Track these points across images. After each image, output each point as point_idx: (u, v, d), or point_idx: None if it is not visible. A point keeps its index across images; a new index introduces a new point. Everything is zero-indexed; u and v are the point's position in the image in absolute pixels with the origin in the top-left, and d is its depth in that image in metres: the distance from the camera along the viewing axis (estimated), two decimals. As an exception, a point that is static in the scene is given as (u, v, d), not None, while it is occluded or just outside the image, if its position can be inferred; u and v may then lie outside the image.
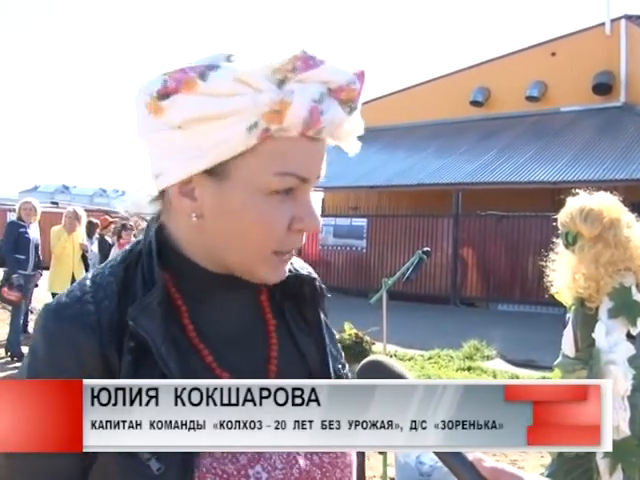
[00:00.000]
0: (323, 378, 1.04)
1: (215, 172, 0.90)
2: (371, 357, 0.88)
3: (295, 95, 0.86)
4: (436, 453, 0.80)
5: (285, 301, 1.07)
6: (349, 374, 1.13)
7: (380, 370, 0.85)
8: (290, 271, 1.06)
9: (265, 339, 1.03)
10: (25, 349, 9.03)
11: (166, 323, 0.91)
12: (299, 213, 0.94)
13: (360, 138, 1.00)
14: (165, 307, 0.92)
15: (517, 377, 8.55)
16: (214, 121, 0.86)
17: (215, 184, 0.91)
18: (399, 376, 0.85)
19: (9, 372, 8.05)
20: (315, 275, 1.13)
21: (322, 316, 1.11)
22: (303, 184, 0.92)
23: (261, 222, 0.92)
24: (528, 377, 8.47)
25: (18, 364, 8.56)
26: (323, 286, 1.12)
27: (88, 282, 0.95)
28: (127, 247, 1.03)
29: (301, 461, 0.94)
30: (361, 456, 1.09)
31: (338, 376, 1.08)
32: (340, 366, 1.11)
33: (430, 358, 9.53)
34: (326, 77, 0.88)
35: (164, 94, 0.87)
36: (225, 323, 1.00)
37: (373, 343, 8.12)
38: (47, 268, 9.60)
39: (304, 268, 1.14)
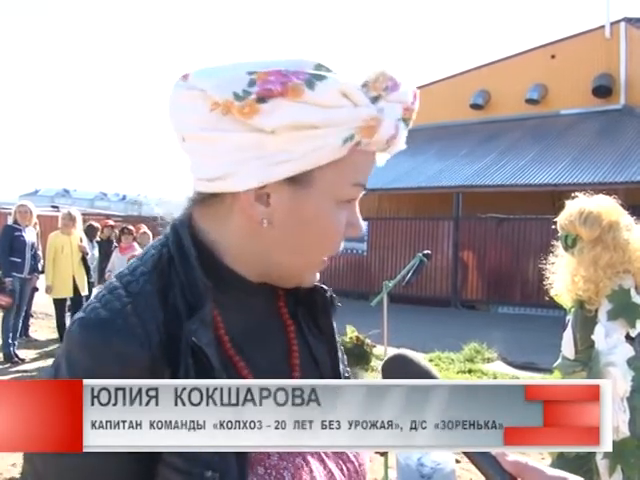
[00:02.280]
0: None
1: (297, 179, 0.89)
2: (397, 351, 0.89)
3: (385, 113, 0.89)
4: None
5: (298, 307, 1.07)
6: (350, 375, 1.14)
7: (406, 364, 0.86)
8: None
9: (287, 345, 1.03)
10: (20, 352, 9.03)
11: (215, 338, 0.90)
12: (352, 220, 0.98)
13: None
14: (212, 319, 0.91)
15: (517, 379, 8.54)
16: (311, 130, 0.86)
17: (293, 191, 0.91)
18: (425, 370, 0.86)
19: (11, 376, 8.03)
20: (325, 286, 1.12)
21: (334, 324, 1.11)
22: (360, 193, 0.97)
23: (331, 230, 0.95)
24: (528, 379, 8.47)
25: (19, 367, 8.56)
26: (334, 296, 1.12)
27: (122, 292, 0.90)
28: (151, 251, 0.97)
29: (335, 473, 0.94)
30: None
31: (346, 378, 1.10)
32: (347, 370, 1.13)
33: (431, 360, 9.51)
34: (402, 98, 0.92)
35: (265, 96, 0.84)
36: (253, 332, 0.99)
37: (374, 346, 8.14)
38: (42, 272, 9.56)
39: None
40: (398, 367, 0.87)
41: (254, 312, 1.00)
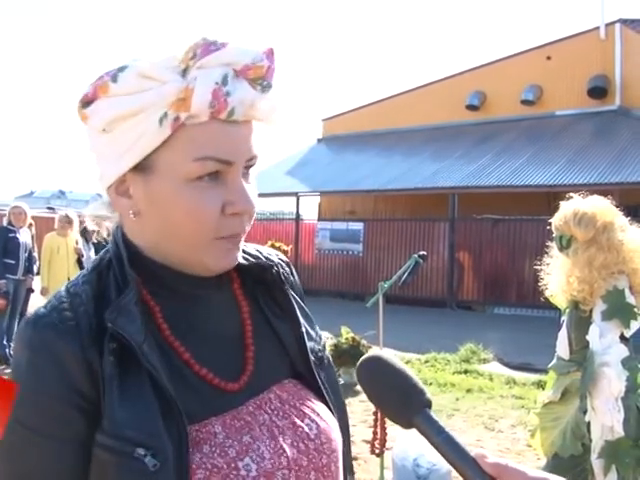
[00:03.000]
0: (301, 359, 1.07)
1: (142, 167, 0.93)
2: (370, 353, 0.89)
3: (197, 81, 0.88)
4: (439, 450, 0.80)
5: (257, 287, 1.09)
6: (329, 357, 1.15)
7: (380, 366, 0.87)
8: (251, 258, 1.09)
9: (240, 326, 1.05)
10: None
11: (144, 323, 0.92)
12: (230, 197, 0.93)
13: (356, 142, 1.01)
14: (141, 307, 0.93)
15: (513, 380, 8.57)
16: (130, 118, 0.90)
17: (144, 179, 0.94)
18: (399, 372, 0.86)
19: (5, 377, 8.01)
20: (276, 261, 1.14)
21: (295, 299, 1.13)
22: (229, 167, 0.92)
23: (192, 210, 0.92)
24: (524, 380, 8.49)
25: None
26: (283, 271, 1.12)
27: (63, 292, 0.96)
28: (97, 257, 1.03)
29: (288, 450, 0.95)
30: (347, 443, 1.10)
31: (317, 358, 1.10)
32: (320, 347, 1.12)
33: (427, 361, 9.53)
34: (229, 59, 0.89)
35: (86, 102, 0.92)
36: (199, 318, 1.01)
37: (370, 347, 8.13)
38: (38, 273, 9.52)
39: (270, 254, 1.16)
40: (372, 370, 0.87)
41: (201, 299, 1.02)
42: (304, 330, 1.10)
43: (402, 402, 0.84)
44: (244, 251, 1.09)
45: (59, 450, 0.88)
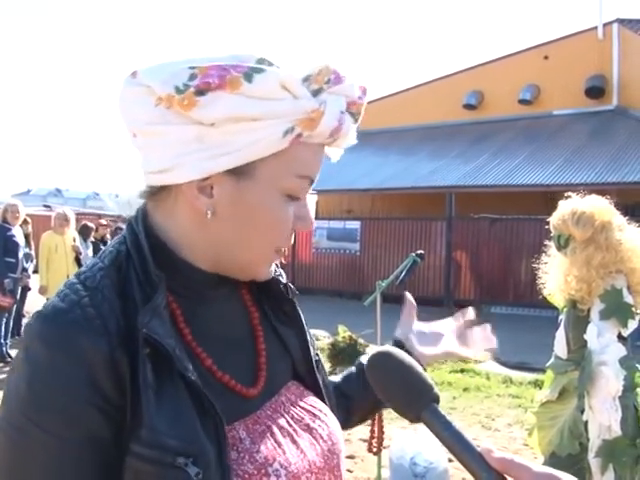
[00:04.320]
0: (303, 363, 1.10)
1: (239, 171, 0.91)
2: (381, 348, 0.90)
3: (327, 105, 0.91)
4: (446, 445, 0.81)
5: (262, 294, 1.10)
6: (320, 359, 1.17)
7: (390, 362, 0.87)
8: None
9: (252, 332, 1.05)
10: (13, 352, 8.99)
11: (173, 327, 0.91)
12: (301, 213, 0.98)
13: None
14: (168, 309, 0.92)
15: (510, 379, 8.57)
16: (250, 122, 0.88)
17: (235, 182, 0.92)
18: (408, 367, 0.87)
19: (3, 376, 8.01)
20: (280, 277, 1.14)
21: (298, 308, 1.14)
22: (309, 186, 0.98)
23: (275, 221, 0.95)
24: (521, 379, 8.50)
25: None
26: (290, 285, 1.14)
27: (80, 286, 0.91)
28: (109, 249, 0.99)
29: (309, 452, 0.96)
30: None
31: (316, 361, 1.12)
32: (317, 351, 1.16)
33: (424, 360, 9.53)
34: (347, 91, 0.93)
35: (203, 89, 0.86)
36: (217, 322, 1.00)
37: (367, 345, 8.14)
38: (36, 272, 9.49)
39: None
40: (382, 365, 0.88)
41: (216, 302, 1.01)
42: (308, 338, 1.13)
43: (411, 397, 0.85)
44: None
45: (78, 454, 0.84)
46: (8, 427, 0.85)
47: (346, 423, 1.24)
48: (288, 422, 0.98)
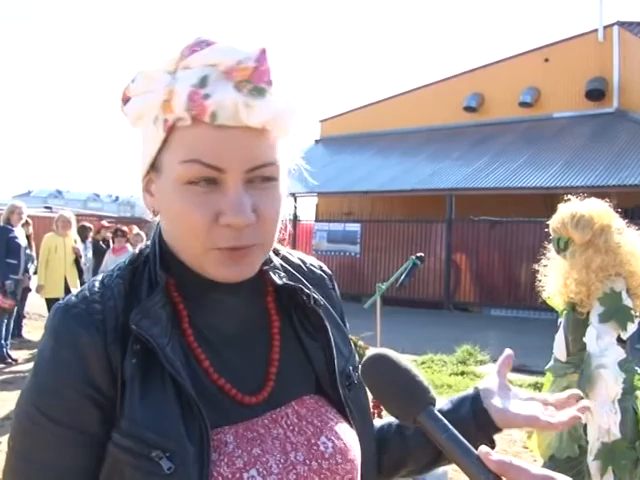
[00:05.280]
0: (328, 377, 1.04)
1: (154, 167, 0.94)
2: (376, 351, 0.89)
3: (177, 82, 0.87)
4: (443, 448, 0.80)
5: (291, 303, 1.06)
6: (361, 380, 1.07)
7: (386, 364, 0.86)
8: (290, 269, 1.09)
9: (268, 341, 1.02)
10: (13, 353, 8.99)
11: (171, 326, 0.92)
12: (222, 207, 0.88)
13: (354, 143, 1.02)
14: (170, 310, 0.94)
15: (510, 381, 8.54)
16: (143, 118, 0.93)
17: (157, 178, 0.94)
18: (404, 369, 0.86)
19: (4, 377, 8.01)
20: (317, 273, 1.14)
21: (332, 315, 1.11)
22: (223, 174, 0.87)
23: (182, 213, 0.89)
24: (520, 382, 8.50)
25: (12, 368, 8.52)
26: (315, 296, 1.06)
27: (97, 284, 0.95)
28: (136, 250, 1.04)
29: (299, 467, 0.93)
30: (371, 468, 1.07)
31: (347, 376, 1.06)
32: (351, 368, 1.08)
33: (423, 363, 9.53)
34: (213, 59, 0.86)
35: (123, 99, 0.95)
36: (226, 326, 0.99)
37: (367, 347, 8.12)
38: (37, 273, 9.49)
39: (312, 266, 1.16)
40: (377, 368, 0.87)
41: (229, 308, 0.99)
42: (335, 351, 1.06)
43: (407, 399, 0.84)
44: (287, 261, 1.10)
45: (67, 437, 0.88)
46: (21, 414, 0.91)
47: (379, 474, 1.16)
48: (285, 434, 0.95)
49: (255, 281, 0.98)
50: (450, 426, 0.81)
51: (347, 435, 1.00)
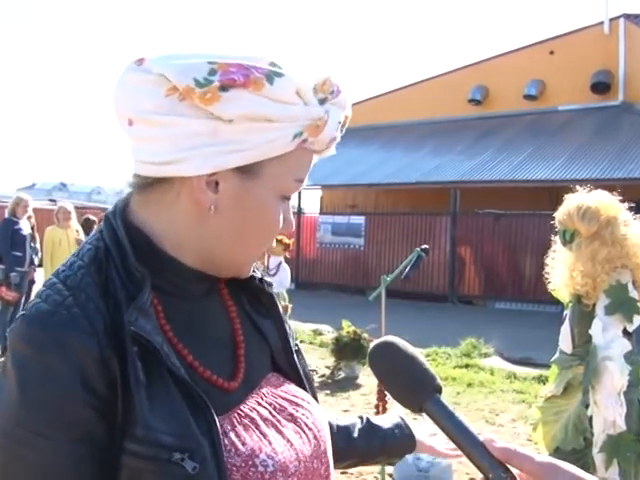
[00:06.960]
0: (284, 355, 1.11)
1: (246, 169, 0.92)
2: (384, 338, 0.90)
3: (330, 115, 0.95)
4: (448, 435, 0.81)
5: (238, 288, 1.10)
6: (300, 348, 1.18)
7: (393, 351, 0.87)
8: None
9: (230, 326, 1.06)
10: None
11: (158, 323, 0.92)
12: (288, 216, 1.02)
13: (358, 136, 1.06)
14: (153, 306, 0.92)
15: (514, 374, 8.58)
16: (265, 123, 0.90)
17: (240, 180, 0.93)
18: (411, 357, 0.87)
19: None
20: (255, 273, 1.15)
21: (275, 299, 1.15)
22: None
23: (270, 221, 0.99)
24: (525, 375, 8.51)
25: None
26: (266, 279, 1.14)
27: (61, 286, 0.90)
28: (87, 245, 0.98)
29: (295, 441, 0.96)
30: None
31: (296, 351, 1.14)
32: (297, 342, 1.17)
33: (428, 355, 9.54)
34: (343, 104, 0.98)
35: (227, 85, 0.87)
36: (198, 317, 1.00)
37: (371, 340, 8.14)
38: (41, 265, 9.49)
39: None
40: (385, 355, 0.88)
41: (197, 298, 1.01)
42: (287, 327, 1.15)
43: (413, 387, 0.85)
44: None
45: (72, 453, 0.83)
46: (3, 440, 0.84)
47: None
48: (271, 413, 0.98)
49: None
50: (456, 414, 0.82)
51: (314, 404, 1.07)
